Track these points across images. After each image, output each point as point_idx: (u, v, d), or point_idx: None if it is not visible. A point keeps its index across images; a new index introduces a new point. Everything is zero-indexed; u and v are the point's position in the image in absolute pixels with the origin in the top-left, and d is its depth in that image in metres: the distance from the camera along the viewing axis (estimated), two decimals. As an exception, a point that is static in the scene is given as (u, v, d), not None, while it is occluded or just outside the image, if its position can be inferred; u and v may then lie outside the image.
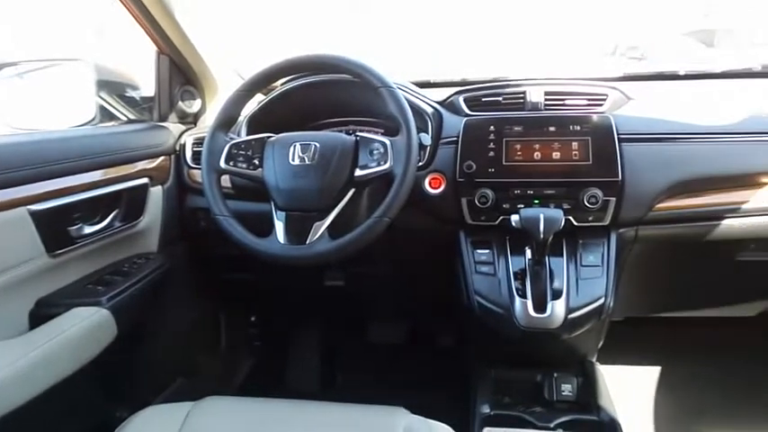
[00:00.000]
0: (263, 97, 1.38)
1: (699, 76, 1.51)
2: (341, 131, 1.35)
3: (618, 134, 1.16)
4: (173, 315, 1.49)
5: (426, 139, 1.22)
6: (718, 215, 1.17)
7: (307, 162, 1.10)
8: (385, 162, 1.07)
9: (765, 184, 1.15)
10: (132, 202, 1.25)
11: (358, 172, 1.09)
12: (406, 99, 1.24)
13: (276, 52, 1.24)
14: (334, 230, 1.08)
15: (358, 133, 1.13)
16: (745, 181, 1.16)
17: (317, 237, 1.06)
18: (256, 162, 1.13)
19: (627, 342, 1.47)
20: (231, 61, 1.56)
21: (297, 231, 1.08)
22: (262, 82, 1.19)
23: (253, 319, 1.85)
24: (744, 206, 1.16)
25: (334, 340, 1.89)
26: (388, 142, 1.08)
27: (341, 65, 1.14)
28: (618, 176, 1.13)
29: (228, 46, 1.55)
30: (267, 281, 1.58)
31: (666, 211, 1.17)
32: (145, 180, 1.29)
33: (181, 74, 1.49)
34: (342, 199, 1.09)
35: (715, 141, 1.17)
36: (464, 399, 1.26)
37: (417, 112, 1.26)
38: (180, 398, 0.95)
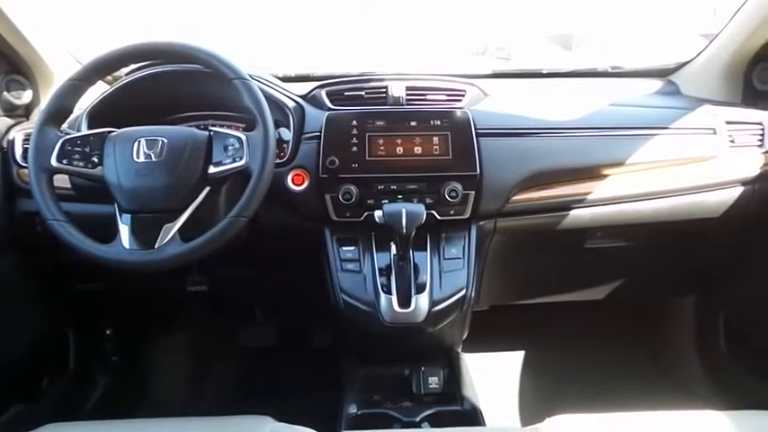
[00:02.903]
0: (108, 87, 1.24)
1: (558, 75, 1.62)
2: (198, 126, 1.25)
3: (476, 129, 1.19)
4: (4, 335, 1.30)
5: (286, 133, 1.18)
6: (567, 206, 1.24)
7: (153, 159, 1.01)
8: (240, 158, 1.02)
9: (608, 176, 1.24)
10: None
11: (212, 169, 1.03)
12: (266, 92, 1.19)
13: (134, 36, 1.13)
14: (187, 232, 1.01)
15: (211, 128, 1.06)
16: (591, 173, 1.24)
17: (167, 240, 0.99)
18: (95, 160, 1.03)
19: (492, 330, 1.54)
20: (71, 46, 1.39)
21: (145, 234, 1.00)
22: (100, 70, 1.08)
23: (108, 332, 1.68)
24: (589, 197, 1.24)
25: (202, 348, 1.78)
26: (243, 137, 1.03)
27: (191, 54, 1.06)
28: (476, 170, 1.16)
29: (65, 27, 1.38)
30: (120, 290, 1.44)
31: (521, 203, 1.22)
32: None
33: (4, 60, 1.30)
34: (195, 198, 1.02)
35: (564, 136, 1.24)
36: (337, 400, 1.24)
37: (278, 105, 1.22)
38: (14, 428, 0.82)
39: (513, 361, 1.72)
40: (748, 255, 1.43)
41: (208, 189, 1.04)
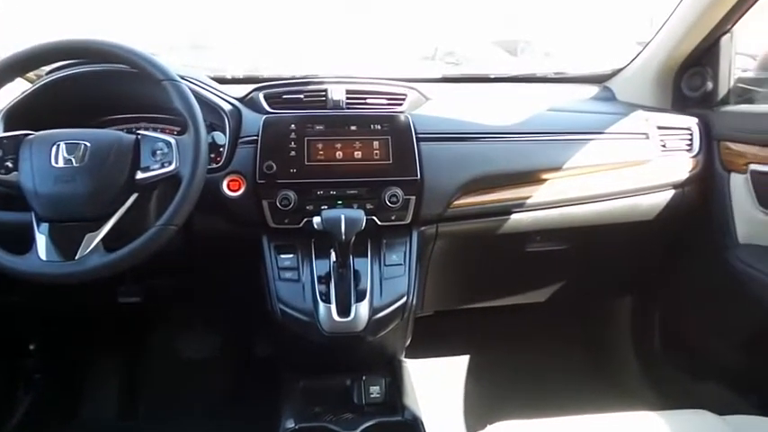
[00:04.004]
0: (30, 86, 1.17)
1: (504, 80, 1.64)
2: (126, 130, 1.19)
3: (416, 133, 1.18)
4: None
5: (221, 137, 1.14)
6: (508, 210, 1.25)
7: (74, 164, 0.96)
8: (170, 163, 0.98)
9: (547, 180, 1.25)
10: None
11: (139, 175, 0.98)
12: (199, 94, 1.15)
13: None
14: (112, 241, 0.95)
15: (139, 131, 1.01)
16: (531, 177, 1.25)
17: (89, 250, 0.94)
18: (9, 165, 0.97)
19: (436, 336, 1.53)
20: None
21: (64, 245, 0.94)
22: (14, 68, 1.02)
23: (32, 347, 1.57)
24: (529, 201, 1.25)
25: (135, 363, 1.69)
26: (173, 141, 0.99)
27: (117, 53, 1.01)
28: (417, 175, 1.15)
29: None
30: (41, 303, 1.35)
31: (463, 207, 1.21)
32: None
33: None
34: (120, 206, 0.97)
35: (504, 141, 1.25)
36: (275, 413, 1.20)
37: (212, 108, 1.17)
38: None
39: (457, 366, 1.71)
40: (679, 256, 1.48)
41: (135, 196, 0.99)
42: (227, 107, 1.19)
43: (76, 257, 0.93)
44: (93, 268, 0.92)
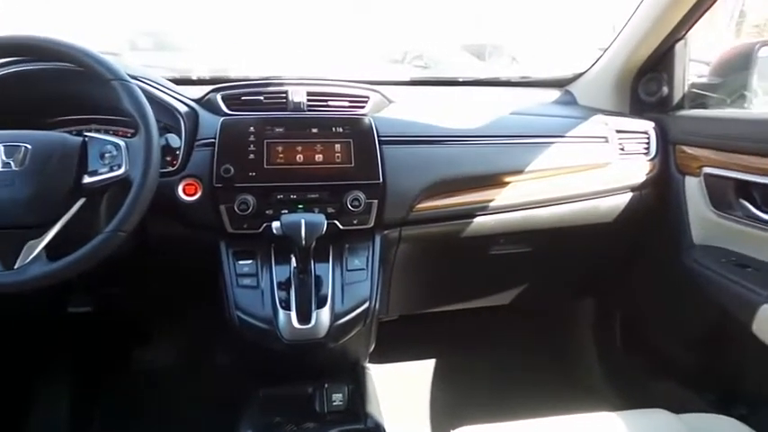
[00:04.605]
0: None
1: (470, 83, 1.66)
2: (73, 132, 1.14)
3: (378, 136, 1.17)
4: None
5: (175, 140, 1.10)
6: (471, 213, 1.25)
7: (14, 167, 0.90)
8: (119, 167, 0.94)
9: (510, 183, 1.25)
10: None
11: (86, 179, 0.94)
12: (152, 95, 1.11)
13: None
14: (57, 249, 0.90)
15: (86, 133, 0.97)
16: (493, 180, 1.25)
17: (30, 258, 0.88)
18: None
19: (401, 340, 1.52)
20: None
21: (2, 253, 0.89)
22: None
23: None
24: (492, 204, 1.25)
25: (88, 376, 1.61)
26: (122, 143, 0.95)
27: (62, 51, 0.96)
28: (379, 178, 1.13)
29: None
30: None
31: (426, 211, 1.21)
32: None
33: None
34: (66, 211, 0.92)
35: (466, 144, 1.25)
36: (234, 424, 1.16)
37: (167, 109, 1.13)
38: None
39: (422, 371, 1.71)
40: (638, 257, 1.51)
41: (82, 201, 0.94)
42: (182, 108, 1.15)
43: (15, 266, 0.88)
44: (34, 278, 0.87)
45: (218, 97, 1.20)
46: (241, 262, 1.10)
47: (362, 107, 1.24)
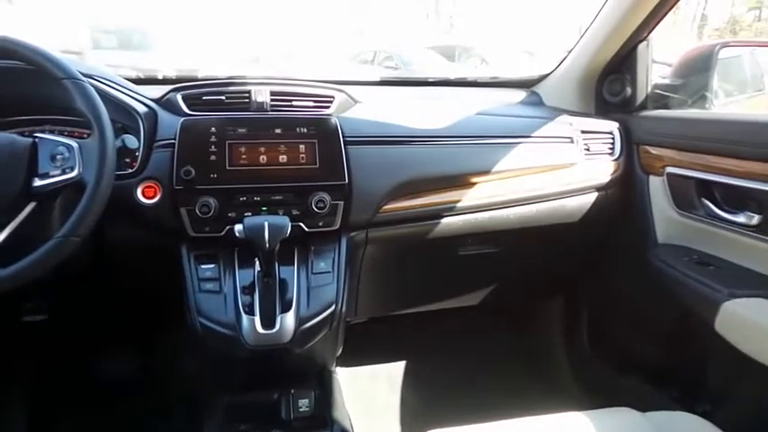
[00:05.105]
0: None
1: (439, 83, 1.66)
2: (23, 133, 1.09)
3: (344, 137, 1.15)
4: None
5: (132, 141, 1.07)
6: (439, 214, 1.24)
7: None
8: (72, 169, 0.90)
9: (476, 183, 1.25)
10: None
11: (37, 182, 0.90)
12: (109, 94, 1.07)
13: None
14: (6, 256, 0.86)
15: (36, 134, 0.92)
16: (460, 181, 1.24)
17: None
18: None
19: (370, 342, 1.50)
20: None
21: None
22: None
23: None
24: (459, 204, 1.24)
25: (44, 389, 1.55)
26: (75, 145, 0.91)
27: (11, 49, 0.92)
28: (345, 180, 1.12)
29: None
30: None
31: (393, 212, 1.19)
32: None
33: None
34: (15, 216, 0.88)
35: (433, 145, 1.24)
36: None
37: (124, 109, 1.10)
38: None
39: (391, 374, 1.69)
40: (604, 257, 1.52)
41: (33, 205, 0.90)
42: (140, 108, 1.12)
43: None
44: None
45: (179, 97, 1.17)
46: (203, 266, 1.07)
47: (327, 107, 1.22)
